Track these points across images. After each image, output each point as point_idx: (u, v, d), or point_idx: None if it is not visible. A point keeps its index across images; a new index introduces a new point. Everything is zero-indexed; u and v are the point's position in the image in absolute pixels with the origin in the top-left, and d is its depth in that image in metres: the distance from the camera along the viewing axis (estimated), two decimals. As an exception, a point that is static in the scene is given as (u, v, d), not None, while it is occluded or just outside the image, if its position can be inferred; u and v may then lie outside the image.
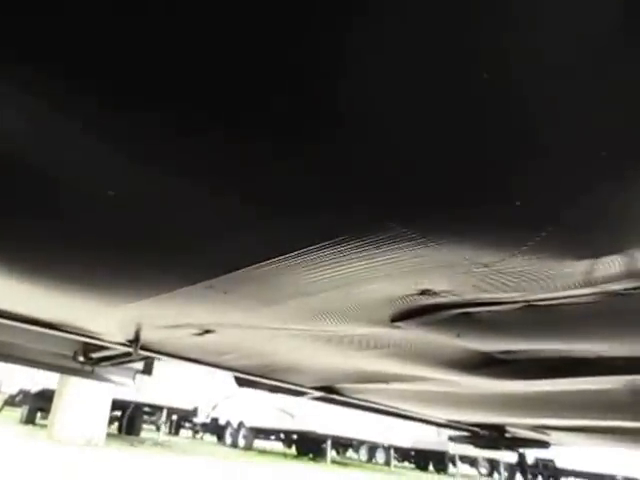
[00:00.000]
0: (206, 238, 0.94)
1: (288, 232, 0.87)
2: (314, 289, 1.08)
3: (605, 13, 0.48)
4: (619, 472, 15.10)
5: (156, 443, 12.32)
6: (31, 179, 0.81)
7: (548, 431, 3.12)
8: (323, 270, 0.96)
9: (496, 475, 17.73)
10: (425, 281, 1.00)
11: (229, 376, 2.57)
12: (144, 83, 0.60)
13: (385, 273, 0.95)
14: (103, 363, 2.41)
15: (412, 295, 1.10)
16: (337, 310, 1.22)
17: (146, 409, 13.36)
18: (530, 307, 1.09)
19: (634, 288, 0.91)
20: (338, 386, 2.58)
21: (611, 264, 0.83)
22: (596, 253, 0.81)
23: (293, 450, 15.48)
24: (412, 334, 1.39)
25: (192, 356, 2.06)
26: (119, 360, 2.35)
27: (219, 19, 0.51)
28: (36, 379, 11.51)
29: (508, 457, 16.10)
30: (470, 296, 1.07)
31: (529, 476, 17.68)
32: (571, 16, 0.48)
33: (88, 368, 2.40)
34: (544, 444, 3.72)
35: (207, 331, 1.59)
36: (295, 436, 14.53)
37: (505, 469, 17.43)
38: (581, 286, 0.93)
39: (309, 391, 2.64)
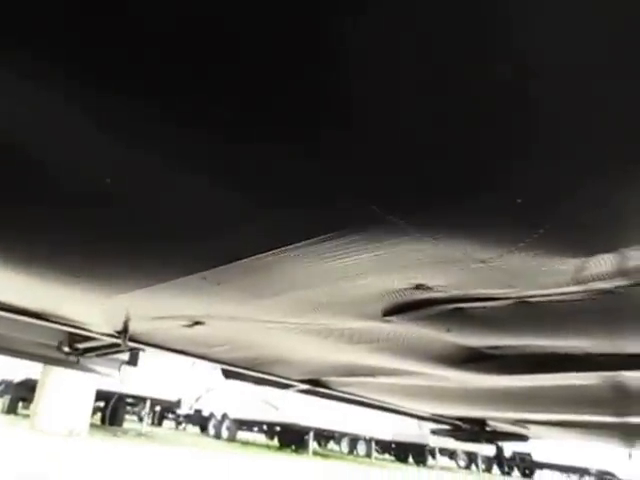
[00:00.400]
0: (203, 229, 0.94)
1: (287, 225, 0.87)
2: (309, 282, 1.08)
3: (611, 13, 0.48)
4: (593, 465, 15.41)
5: (139, 434, 12.27)
6: (28, 167, 0.80)
7: (528, 425, 3.17)
8: (320, 263, 0.96)
9: (474, 467, 17.98)
10: (421, 276, 1.01)
11: (214, 368, 2.56)
12: (143, 66, 0.60)
13: (382, 267, 0.96)
14: (88, 354, 2.39)
15: (406, 289, 1.10)
16: (331, 303, 1.23)
17: (129, 400, 13.30)
18: (521, 303, 1.10)
19: (623, 286, 0.93)
20: (324, 379, 2.59)
21: (603, 262, 0.85)
22: (591, 251, 0.82)
23: (276, 442, 15.53)
24: (402, 328, 1.40)
25: (180, 348, 2.05)
26: (105, 351, 2.33)
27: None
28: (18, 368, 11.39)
29: (486, 450, 16.35)
30: (463, 291, 1.08)
31: (506, 468, 17.99)
32: (578, 17, 0.49)
33: (73, 358, 2.38)
34: (523, 437, 3.78)
35: (197, 323, 1.59)
36: (278, 428, 14.57)
37: (483, 462, 17.71)
38: (573, 283, 0.95)
39: (295, 384, 2.65)
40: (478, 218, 0.77)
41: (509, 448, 17.03)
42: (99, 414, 12.95)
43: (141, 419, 14.21)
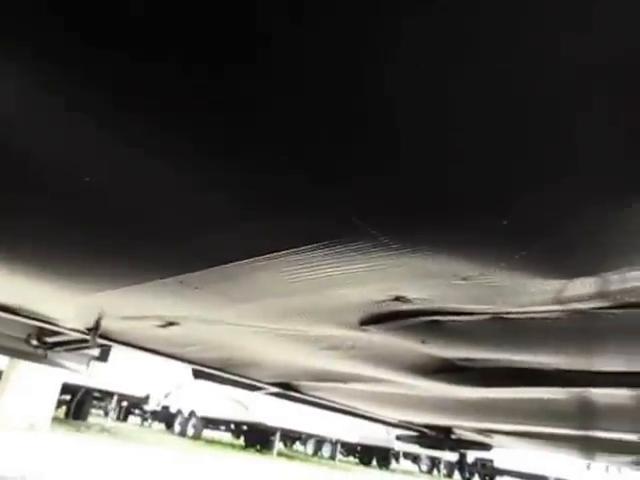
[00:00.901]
0: (184, 233, 0.93)
1: (270, 234, 0.86)
2: (288, 290, 1.07)
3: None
4: (552, 474, 15.70)
5: (103, 429, 12.05)
6: (13, 163, 0.78)
7: (492, 434, 3.20)
8: (301, 273, 0.96)
9: (435, 472, 18.16)
10: (401, 288, 1.01)
11: (185, 367, 2.54)
12: (138, 71, 0.59)
13: (364, 278, 0.96)
14: (57, 348, 2.35)
15: (385, 301, 1.10)
16: (309, 311, 1.22)
17: (96, 394, 13.08)
18: (498, 319, 1.11)
19: (602, 308, 0.94)
20: (295, 383, 2.58)
21: (583, 285, 0.86)
22: (572, 274, 0.83)
23: (241, 441, 15.43)
24: (378, 338, 1.40)
25: (153, 347, 2.03)
26: (74, 346, 2.29)
27: None
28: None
29: (449, 455, 16.53)
30: (442, 305, 1.09)
31: (467, 474, 18.22)
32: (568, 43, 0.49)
33: (41, 352, 2.33)
34: (486, 446, 3.83)
35: (171, 323, 1.57)
36: (245, 427, 14.50)
37: (445, 466, 17.90)
38: (552, 303, 0.96)
39: (266, 386, 2.64)
40: (463, 237, 0.78)
41: (472, 454, 17.24)
42: (64, 407, 12.71)
43: (107, 413, 13.98)
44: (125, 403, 15.84)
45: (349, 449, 17.60)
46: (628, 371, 1.37)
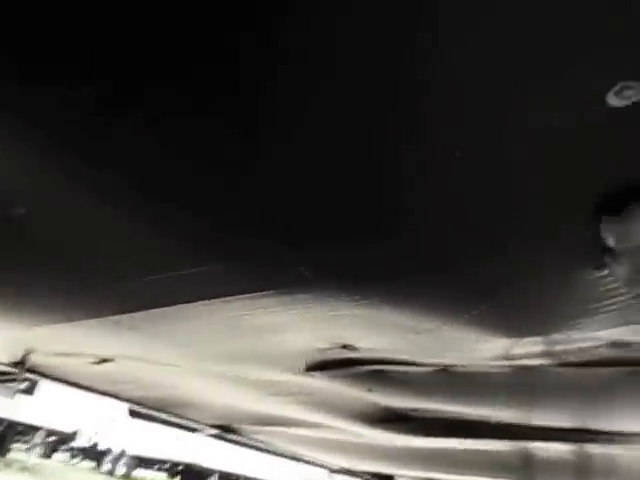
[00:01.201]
0: (121, 273, 0.88)
1: (216, 279, 0.83)
2: (232, 335, 1.04)
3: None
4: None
5: (24, 467, 11.31)
6: None
7: (436, 483, 3.18)
8: (245, 318, 0.93)
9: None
10: (350, 337, 0.99)
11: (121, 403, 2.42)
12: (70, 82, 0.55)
13: (310, 326, 0.93)
14: (-21, 380, 2.19)
15: (332, 348, 1.08)
16: (253, 355, 1.19)
17: (20, 428, 12.32)
18: (444, 371, 1.11)
19: (547, 365, 0.96)
20: (236, 425, 2.51)
21: (531, 344, 0.87)
22: (519, 334, 0.84)
23: (176, 482, 14.81)
24: (324, 384, 1.37)
25: (85, 383, 1.93)
26: (-1, 379, 2.14)
27: None
28: None
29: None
30: (390, 355, 1.08)
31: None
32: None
33: (-40, 384, 2.17)
34: (430, 495, 3.80)
35: (106, 360, 1.49)
36: (180, 467, 13.95)
37: (387, 512, 17.72)
38: (500, 359, 0.97)
39: (205, 428, 2.55)
40: (416, 292, 0.77)
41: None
42: (-17, 442, 11.91)
43: (30, 449, 13.16)
44: (52, 438, 15.00)
45: (288, 492, 17.18)
46: (568, 427, 1.38)
